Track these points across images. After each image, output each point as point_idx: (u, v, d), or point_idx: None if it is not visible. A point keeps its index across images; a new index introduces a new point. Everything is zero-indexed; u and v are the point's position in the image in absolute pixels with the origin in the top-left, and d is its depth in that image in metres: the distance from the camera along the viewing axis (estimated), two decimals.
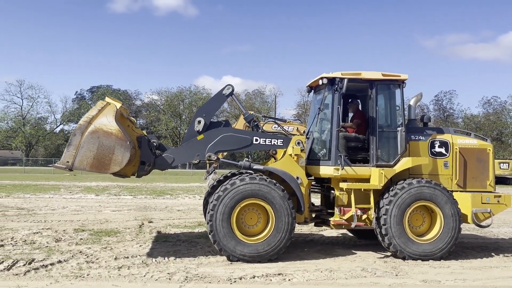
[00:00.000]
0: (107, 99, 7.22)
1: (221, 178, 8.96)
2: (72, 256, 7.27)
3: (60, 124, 77.87)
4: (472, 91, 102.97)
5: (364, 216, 7.73)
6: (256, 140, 7.80)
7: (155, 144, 7.68)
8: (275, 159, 8.05)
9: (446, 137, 8.24)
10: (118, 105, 7.18)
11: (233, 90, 8.03)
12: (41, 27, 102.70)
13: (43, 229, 9.86)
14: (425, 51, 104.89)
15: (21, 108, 73.89)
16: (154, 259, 7.13)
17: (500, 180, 31.18)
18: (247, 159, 8.02)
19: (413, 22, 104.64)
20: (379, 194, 7.73)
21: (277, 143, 7.83)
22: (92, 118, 6.92)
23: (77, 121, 74.59)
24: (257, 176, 7.37)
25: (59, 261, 6.86)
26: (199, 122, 7.83)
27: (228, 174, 8.96)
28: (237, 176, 7.43)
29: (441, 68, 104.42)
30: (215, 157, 7.65)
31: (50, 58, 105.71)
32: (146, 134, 7.81)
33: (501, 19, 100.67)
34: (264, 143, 7.82)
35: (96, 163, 6.79)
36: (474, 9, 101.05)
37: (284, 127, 9.26)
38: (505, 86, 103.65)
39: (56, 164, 6.92)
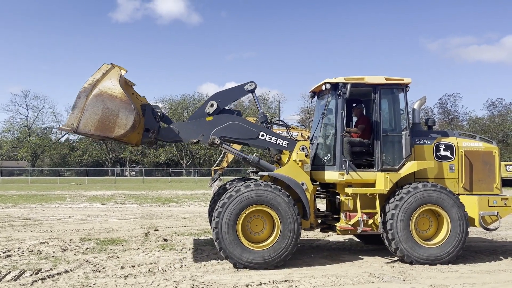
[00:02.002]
0: (112, 64, 7.20)
1: (226, 185, 8.96)
2: (79, 265, 7.28)
3: (66, 134, 78.27)
4: (477, 94, 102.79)
5: (370, 221, 7.69)
6: (263, 135, 7.74)
7: (159, 113, 7.68)
8: (279, 164, 8.04)
9: (451, 140, 8.21)
10: (123, 71, 7.17)
11: (255, 87, 7.99)
12: (45, 38, 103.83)
13: (49, 238, 9.89)
14: (429, 54, 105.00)
15: (27, 118, 74.59)
16: (160, 267, 7.13)
17: (507, 183, 30.96)
18: (257, 154, 7.98)
19: (416, 26, 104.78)
20: (385, 198, 7.70)
21: (282, 143, 7.76)
22: (96, 81, 6.92)
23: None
24: (262, 182, 7.35)
25: (66, 271, 6.87)
26: (212, 105, 7.81)
27: (234, 181, 8.98)
28: (242, 183, 7.41)
29: (445, 71, 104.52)
30: (219, 141, 7.61)
31: (54, 68, 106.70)
32: (149, 103, 7.80)
33: (504, 20, 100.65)
34: (270, 140, 7.74)
35: (101, 126, 6.81)
36: (477, 11, 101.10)
37: (289, 132, 9.25)
38: (509, 88, 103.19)
39: (61, 126, 6.94)
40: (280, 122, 9.02)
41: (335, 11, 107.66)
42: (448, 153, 8.12)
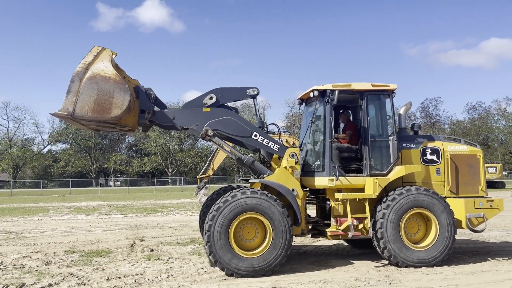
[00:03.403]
0: (102, 47, 7.17)
1: (220, 192, 8.91)
2: (63, 278, 7.10)
3: (48, 145, 76.96)
4: (457, 97, 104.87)
5: (360, 226, 7.72)
6: (256, 135, 7.74)
7: (152, 95, 7.61)
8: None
9: (437, 144, 8.31)
10: (114, 54, 7.15)
11: (258, 93, 8.03)
12: (25, 48, 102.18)
13: (32, 252, 9.63)
14: (410, 60, 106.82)
15: (7, 130, 73.08)
16: (146, 278, 7.00)
17: (489, 184, 31.51)
18: (252, 154, 7.92)
19: (397, 31, 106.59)
20: (374, 203, 7.75)
21: (273, 147, 7.77)
22: (88, 64, 6.89)
23: (65, 141, 74.52)
24: (259, 190, 7.33)
25: (50, 285, 6.69)
26: (211, 98, 7.79)
27: (227, 188, 8.96)
28: (239, 189, 7.38)
29: (426, 76, 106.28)
30: (211, 133, 7.55)
31: (35, 78, 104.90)
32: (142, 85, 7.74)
33: (483, 25, 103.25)
34: (262, 142, 7.75)
35: (97, 108, 6.77)
36: (456, 16, 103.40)
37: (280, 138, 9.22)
38: (488, 91, 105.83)
39: (57, 112, 6.82)
40: (274, 127, 9.01)
41: (318, 19, 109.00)
42: (434, 157, 8.21)
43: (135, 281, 6.82)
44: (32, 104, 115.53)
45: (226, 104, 8.01)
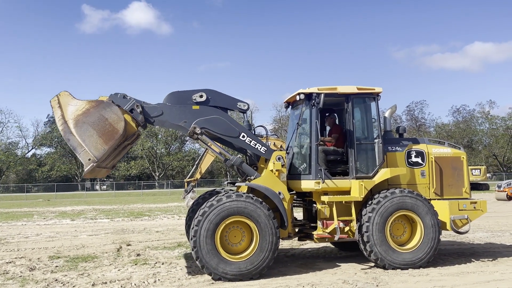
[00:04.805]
0: (55, 95, 7.38)
1: (206, 196, 8.88)
2: (47, 285, 7.01)
3: (32, 149, 75.77)
4: (442, 100, 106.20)
5: (347, 228, 7.77)
6: (243, 136, 7.75)
7: (123, 95, 7.59)
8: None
9: (421, 147, 8.42)
10: (68, 92, 7.38)
11: (247, 108, 8.11)
12: (8, 50, 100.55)
13: (16, 258, 9.48)
14: (396, 63, 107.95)
15: None
16: (133, 283, 6.95)
17: (473, 186, 32.05)
18: (240, 156, 7.91)
19: (384, 35, 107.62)
20: (360, 205, 7.81)
21: (260, 149, 7.78)
22: (62, 116, 7.08)
23: (50, 144, 73.46)
24: (244, 193, 7.32)
25: None
26: (201, 96, 7.77)
27: (213, 192, 8.93)
28: (224, 193, 7.36)
29: (412, 79, 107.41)
30: (199, 131, 7.52)
31: (19, 81, 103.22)
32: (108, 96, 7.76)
33: (466, 29, 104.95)
34: (249, 143, 7.75)
35: (106, 137, 6.92)
36: (441, 20, 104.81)
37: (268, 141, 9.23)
38: (472, 95, 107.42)
39: (85, 172, 6.91)
40: (262, 129, 9.02)
41: (306, 22, 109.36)
42: (419, 160, 8.32)
43: (121, 286, 6.77)
44: (16, 107, 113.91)
45: (216, 105, 7.97)
